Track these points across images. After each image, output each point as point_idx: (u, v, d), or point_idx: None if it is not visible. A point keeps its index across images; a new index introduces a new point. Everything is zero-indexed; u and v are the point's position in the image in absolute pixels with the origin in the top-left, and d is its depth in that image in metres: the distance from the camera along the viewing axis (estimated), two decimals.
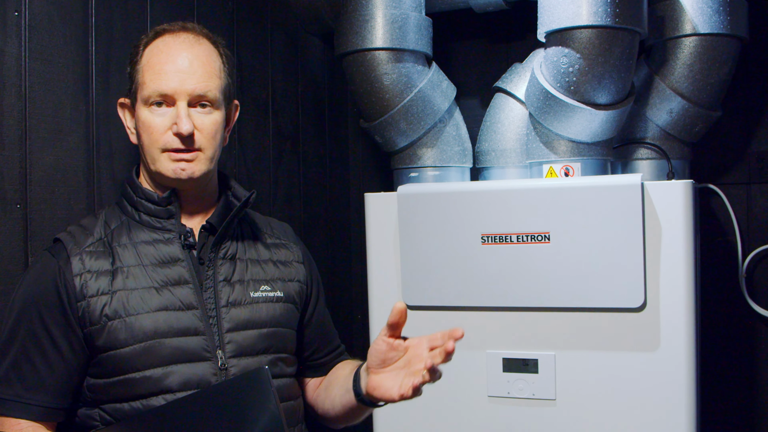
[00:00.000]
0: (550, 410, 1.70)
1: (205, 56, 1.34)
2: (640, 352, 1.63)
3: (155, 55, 1.32)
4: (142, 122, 1.32)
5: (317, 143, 2.33)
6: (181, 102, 1.30)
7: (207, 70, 1.33)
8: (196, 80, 1.31)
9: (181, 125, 1.29)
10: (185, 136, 1.30)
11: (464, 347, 1.77)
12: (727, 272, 2.10)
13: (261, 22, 2.05)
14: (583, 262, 1.63)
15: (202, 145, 1.33)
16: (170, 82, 1.30)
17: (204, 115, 1.33)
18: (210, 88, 1.33)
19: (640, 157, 1.92)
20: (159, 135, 1.30)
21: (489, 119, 2.02)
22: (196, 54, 1.33)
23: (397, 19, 1.89)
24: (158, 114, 1.31)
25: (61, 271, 1.26)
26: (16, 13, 1.34)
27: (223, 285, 1.36)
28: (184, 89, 1.30)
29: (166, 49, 1.32)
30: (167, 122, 1.30)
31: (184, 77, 1.30)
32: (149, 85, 1.30)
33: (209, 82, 1.33)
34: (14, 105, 1.34)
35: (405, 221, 1.77)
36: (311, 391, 1.55)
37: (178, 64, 1.31)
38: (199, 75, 1.32)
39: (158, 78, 1.30)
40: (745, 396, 2.11)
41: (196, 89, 1.31)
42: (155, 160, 1.32)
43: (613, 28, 1.63)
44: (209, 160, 1.34)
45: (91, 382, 1.27)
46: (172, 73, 1.30)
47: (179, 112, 1.30)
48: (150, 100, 1.30)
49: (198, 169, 1.33)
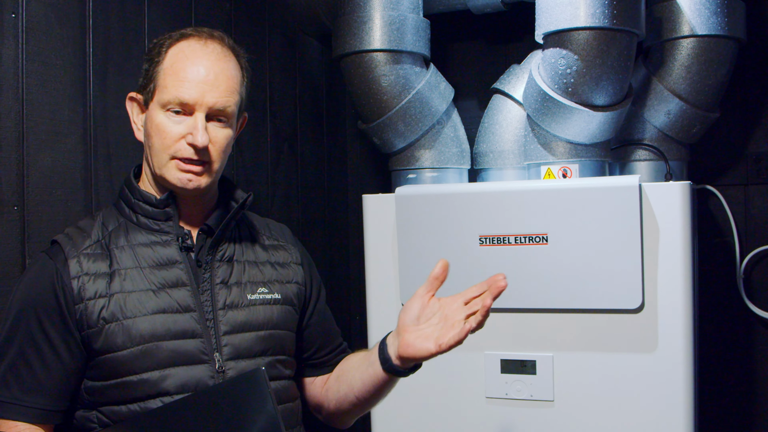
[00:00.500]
0: (547, 411, 1.70)
1: (229, 71, 1.32)
2: (638, 353, 1.63)
3: (180, 60, 1.30)
4: (156, 125, 1.30)
5: (315, 145, 2.33)
6: (200, 113, 1.29)
7: (229, 86, 1.32)
8: (219, 94, 1.30)
9: (197, 137, 1.27)
10: (200, 149, 1.29)
11: (462, 348, 1.77)
12: (725, 273, 2.10)
13: (259, 23, 2.05)
14: (581, 263, 1.63)
15: (213, 159, 1.32)
16: (192, 92, 1.28)
17: (219, 129, 1.32)
18: (230, 104, 1.32)
19: (638, 158, 1.92)
20: (172, 141, 1.29)
21: (487, 121, 2.02)
22: (222, 68, 1.31)
23: (395, 20, 1.89)
24: (174, 121, 1.29)
25: (58, 273, 1.26)
26: (13, 15, 1.33)
27: (220, 287, 1.35)
28: (205, 102, 1.28)
29: (192, 56, 1.30)
30: (182, 130, 1.29)
31: (207, 89, 1.29)
32: (170, 90, 1.28)
33: (230, 98, 1.31)
34: (12, 107, 1.33)
35: (403, 222, 1.77)
36: (318, 389, 1.54)
37: (202, 75, 1.29)
38: (222, 90, 1.30)
39: (180, 85, 1.28)
40: (743, 396, 2.11)
41: (217, 104, 1.29)
42: (162, 165, 1.31)
43: (610, 29, 1.64)
44: (216, 173, 1.34)
45: (88, 384, 1.27)
46: (196, 83, 1.28)
47: (197, 123, 1.28)
48: (169, 105, 1.29)
49: (204, 182, 1.32)
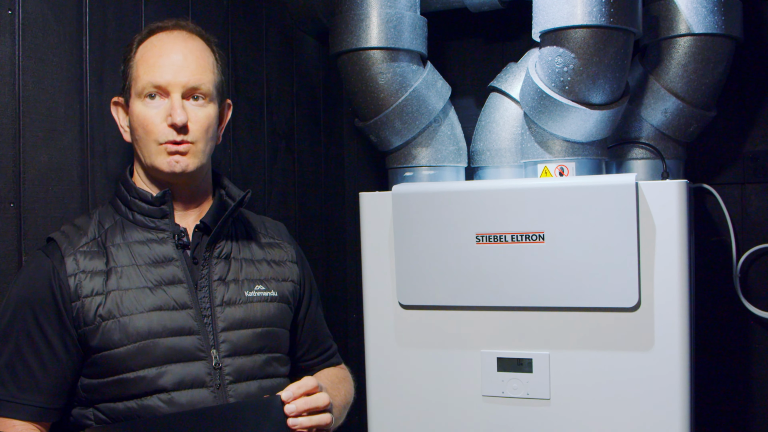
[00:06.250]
0: (544, 410, 1.70)
1: (198, 51, 1.37)
2: (635, 351, 1.63)
3: (149, 50, 1.34)
4: (137, 116, 1.33)
5: (312, 142, 2.33)
6: (175, 94, 1.32)
7: (200, 64, 1.35)
8: (190, 73, 1.33)
9: (175, 115, 1.30)
10: (179, 126, 1.31)
11: (459, 346, 1.77)
12: (722, 272, 2.10)
13: (256, 20, 2.05)
14: (578, 261, 1.64)
15: (196, 138, 1.33)
16: (164, 74, 1.31)
17: (197, 107, 1.35)
18: (203, 81, 1.35)
19: (635, 156, 1.92)
20: (154, 127, 1.31)
21: (484, 119, 2.02)
22: (190, 49, 1.36)
23: (392, 18, 1.88)
24: (152, 106, 1.32)
25: (55, 271, 1.26)
26: (9, 11, 1.33)
27: (217, 284, 1.36)
28: (177, 81, 1.32)
29: (159, 44, 1.35)
30: (162, 114, 1.32)
31: (178, 70, 1.32)
32: (143, 77, 1.32)
33: (202, 76, 1.35)
34: (8, 104, 1.33)
35: (400, 220, 1.77)
36: None
37: (172, 58, 1.33)
38: (193, 68, 1.34)
39: (152, 70, 1.32)
40: (739, 395, 2.11)
41: (189, 81, 1.33)
42: (150, 153, 1.32)
43: (607, 27, 1.64)
44: (202, 154, 1.35)
45: (85, 382, 1.27)
46: (166, 66, 1.32)
47: (173, 103, 1.31)
48: (144, 92, 1.32)
49: (191, 163, 1.33)
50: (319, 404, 1.27)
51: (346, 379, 1.62)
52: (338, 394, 1.51)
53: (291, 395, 1.25)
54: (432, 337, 1.78)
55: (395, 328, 1.81)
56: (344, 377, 1.61)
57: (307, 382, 1.28)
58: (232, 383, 1.31)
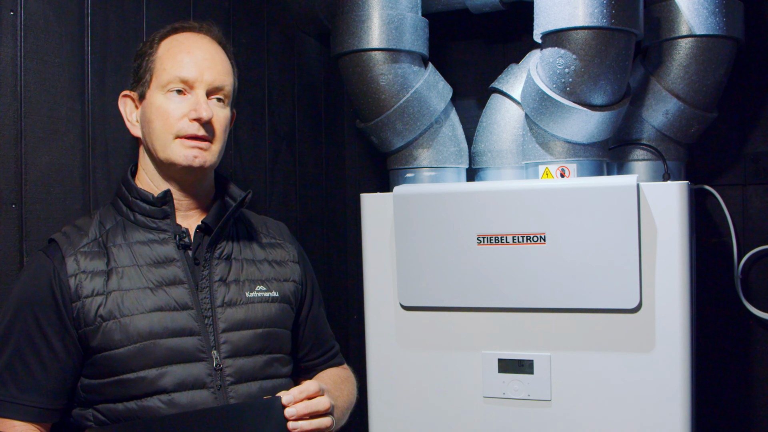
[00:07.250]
0: (545, 411, 1.70)
1: (222, 54, 1.41)
2: (636, 353, 1.63)
3: (175, 46, 1.36)
4: (157, 108, 1.34)
5: (313, 143, 2.33)
6: (200, 90, 1.35)
7: (225, 67, 1.40)
8: (216, 72, 1.37)
9: (200, 110, 1.32)
10: (204, 121, 1.33)
11: (460, 348, 1.77)
12: (723, 273, 2.10)
13: (257, 21, 2.05)
14: (579, 263, 1.63)
15: (216, 136, 1.37)
16: (192, 69, 1.34)
17: (219, 108, 1.38)
18: (227, 83, 1.39)
19: (636, 158, 1.92)
20: (175, 120, 1.33)
21: (485, 120, 2.02)
22: (216, 51, 1.40)
23: (393, 19, 1.89)
24: (175, 101, 1.34)
25: (56, 271, 1.26)
26: (11, 12, 1.33)
27: (218, 285, 1.36)
28: (204, 78, 1.35)
29: (186, 42, 1.37)
30: (184, 108, 1.33)
31: (205, 68, 1.35)
32: (169, 71, 1.34)
33: (226, 78, 1.39)
34: (10, 105, 1.33)
35: (401, 222, 1.77)
36: None
37: (199, 56, 1.36)
38: (219, 69, 1.38)
39: (180, 65, 1.34)
40: (740, 397, 2.11)
41: (215, 81, 1.36)
42: (166, 146, 1.33)
43: (609, 29, 1.64)
44: (218, 153, 1.38)
45: (85, 382, 1.27)
46: (194, 63, 1.35)
47: (198, 99, 1.34)
48: (170, 85, 1.33)
49: (209, 159, 1.36)
50: (320, 408, 1.27)
51: (349, 379, 1.61)
52: (341, 394, 1.51)
53: (292, 399, 1.25)
54: (433, 338, 1.78)
55: (396, 329, 1.81)
56: (347, 377, 1.61)
57: (309, 387, 1.28)
58: (232, 384, 1.31)
